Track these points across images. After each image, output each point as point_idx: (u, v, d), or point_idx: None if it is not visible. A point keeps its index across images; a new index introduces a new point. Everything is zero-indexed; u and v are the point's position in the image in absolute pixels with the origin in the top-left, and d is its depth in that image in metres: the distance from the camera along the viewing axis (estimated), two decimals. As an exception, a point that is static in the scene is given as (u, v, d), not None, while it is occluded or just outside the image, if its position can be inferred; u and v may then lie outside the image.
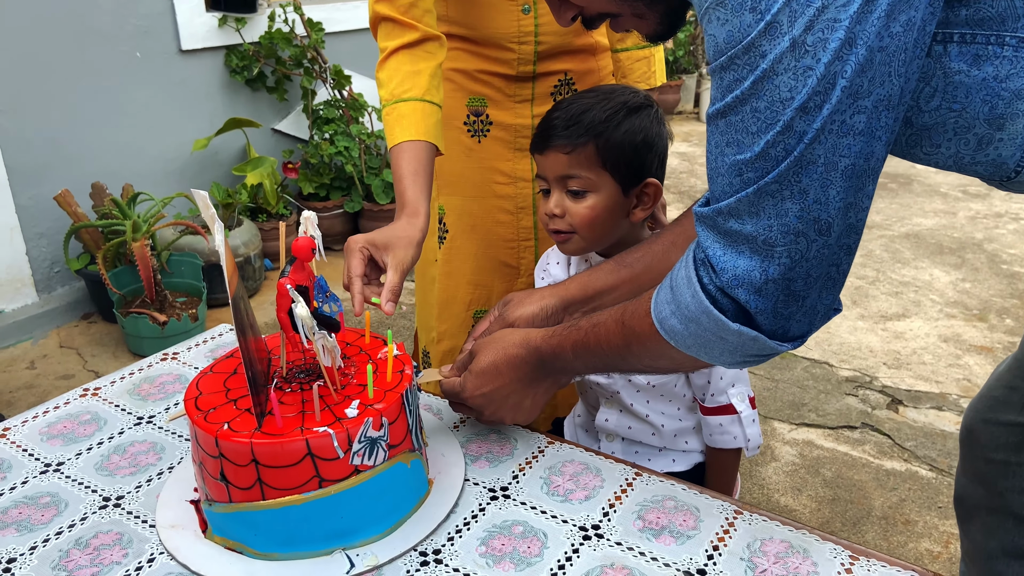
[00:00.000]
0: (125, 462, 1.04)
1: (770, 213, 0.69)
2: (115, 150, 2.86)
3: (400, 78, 1.22)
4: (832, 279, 0.73)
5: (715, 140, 0.71)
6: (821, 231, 0.69)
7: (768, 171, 0.67)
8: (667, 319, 0.81)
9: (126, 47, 2.81)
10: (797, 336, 0.76)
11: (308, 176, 3.30)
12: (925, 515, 1.91)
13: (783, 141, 0.65)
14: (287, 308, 0.89)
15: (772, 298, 0.73)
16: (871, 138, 0.65)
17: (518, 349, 0.98)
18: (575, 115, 1.13)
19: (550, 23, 1.36)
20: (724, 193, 0.71)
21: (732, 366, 0.81)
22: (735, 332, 0.75)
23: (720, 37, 0.66)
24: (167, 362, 1.28)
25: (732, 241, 0.72)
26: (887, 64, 0.63)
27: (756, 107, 0.66)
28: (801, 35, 0.62)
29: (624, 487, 0.97)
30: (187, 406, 0.89)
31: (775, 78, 0.64)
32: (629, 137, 1.13)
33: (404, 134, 1.19)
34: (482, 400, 1.00)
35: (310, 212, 0.98)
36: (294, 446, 0.82)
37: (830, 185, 0.66)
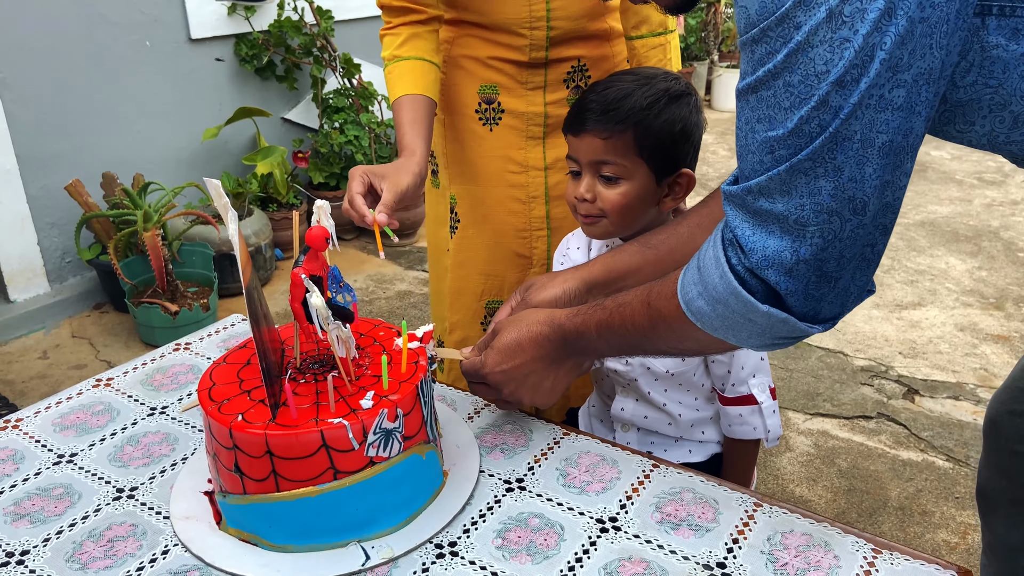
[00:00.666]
0: (139, 453, 1.03)
1: (802, 192, 0.66)
2: (125, 139, 2.86)
3: (402, 39, 1.32)
4: (867, 259, 0.71)
5: (745, 116, 0.68)
6: (856, 210, 0.66)
7: (801, 148, 0.65)
8: (694, 300, 0.79)
9: (136, 36, 2.80)
10: (829, 318, 0.75)
11: (318, 165, 3.29)
12: (942, 506, 1.89)
13: (818, 117, 0.63)
14: (301, 298, 0.88)
15: (803, 279, 0.71)
16: (910, 113, 0.63)
17: (542, 327, 0.96)
18: (615, 99, 1.10)
19: (562, 7, 1.34)
20: (754, 171, 0.69)
21: (760, 348, 0.79)
22: (764, 314, 0.73)
23: (752, 8, 0.63)
24: (180, 352, 1.27)
25: (762, 221, 0.70)
26: (928, 36, 0.60)
27: (790, 81, 0.63)
28: (838, 5, 0.59)
29: (641, 479, 0.96)
30: (200, 397, 0.88)
31: (810, 51, 0.61)
32: (668, 126, 1.10)
33: (404, 88, 1.29)
34: (502, 377, 0.98)
35: (323, 201, 0.97)
36: (309, 438, 0.82)
37: (866, 162, 0.64)
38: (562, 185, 1.44)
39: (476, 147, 1.42)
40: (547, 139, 1.43)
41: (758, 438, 1.17)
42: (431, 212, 1.59)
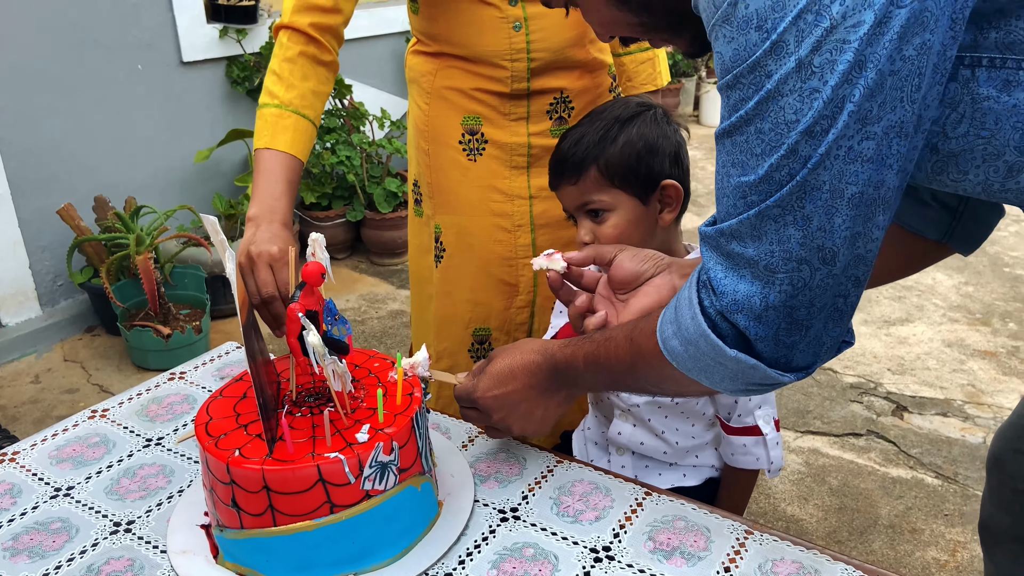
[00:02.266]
0: (135, 485, 1.04)
1: (772, 238, 0.67)
2: (117, 162, 2.86)
3: (301, 91, 1.26)
4: (839, 310, 0.71)
5: (722, 160, 0.69)
6: (825, 260, 0.66)
7: (771, 194, 0.65)
8: (669, 339, 0.79)
9: (128, 59, 2.81)
10: (802, 367, 0.74)
11: (310, 186, 3.31)
12: (932, 523, 1.91)
13: (787, 165, 0.63)
14: (297, 333, 0.89)
15: (773, 326, 0.70)
16: (881, 166, 0.63)
17: (535, 355, 0.96)
18: (570, 146, 1.15)
19: (543, 39, 1.35)
20: (728, 215, 0.69)
21: (735, 393, 0.79)
22: (733, 359, 0.72)
23: (727, 55, 0.64)
24: (174, 382, 1.28)
25: (734, 264, 0.71)
26: (899, 89, 0.60)
27: (761, 128, 0.64)
28: (808, 56, 0.60)
29: (634, 507, 0.97)
30: (198, 432, 0.89)
31: (780, 99, 0.62)
32: (628, 148, 1.13)
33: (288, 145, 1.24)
34: (493, 402, 0.97)
35: (318, 235, 0.98)
36: (305, 472, 0.82)
37: (835, 213, 0.64)
38: (548, 213, 1.46)
39: (460, 177, 1.44)
40: (531, 168, 1.45)
41: (760, 468, 1.18)
42: (414, 240, 1.60)
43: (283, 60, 1.27)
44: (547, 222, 1.46)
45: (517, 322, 1.52)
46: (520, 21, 1.34)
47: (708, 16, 0.66)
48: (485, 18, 1.34)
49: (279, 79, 1.27)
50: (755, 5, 0.61)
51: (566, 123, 1.44)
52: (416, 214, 1.56)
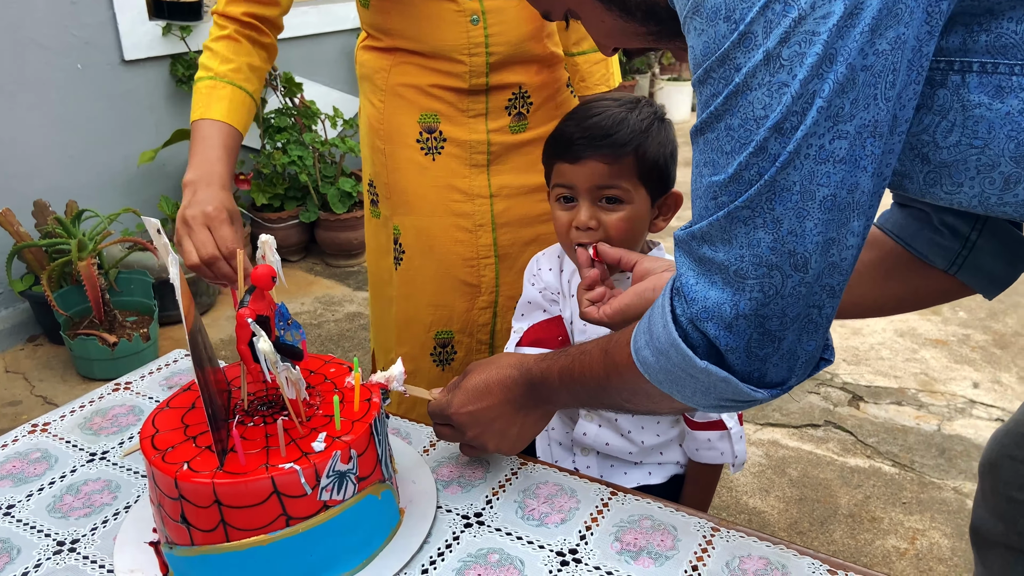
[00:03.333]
0: (79, 503, 0.99)
1: (742, 242, 0.64)
2: (58, 165, 2.77)
3: (237, 64, 1.22)
4: (813, 322, 0.67)
5: (696, 159, 0.66)
6: (797, 266, 0.63)
7: (740, 194, 0.62)
8: (642, 349, 0.76)
9: (67, 59, 2.72)
10: (776, 383, 0.70)
11: (261, 186, 3.24)
12: (890, 511, 1.94)
13: (757, 163, 0.60)
14: (247, 340, 0.86)
15: (744, 336, 0.67)
16: (854, 167, 0.59)
17: (511, 370, 0.93)
18: (613, 124, 1.09)
19: (501, 33, 1.33)
20: (700, 216, 0.66)
21: (708, 408, 0.75)
22: (703, 370, 0.69)
23: (698, 48, 0.62)
24: (120, 393, 1.23)
25: (705, 269, 0.67)
26: (872, 86, 0.57)
27: (731, 124, 0.61)
28: (776, 48, 0.57)
29: (600, 507, 0.96)
30: (143, 445, 0.85)
31: (749, 93, 0.59)
32: (661, 148, 1.12)
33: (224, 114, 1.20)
34: (467, 419, 0.94)
35: (268, 236, 0.95)
36: (259, 485, 0.79)
37: (807, 216, 0.61)
38: (510, 211, 1.43)
39: (419, 177, 1.40)
40: (491, 166, 1.42)
41: (724, 463, 1.18)
42: (371, 242, 1.56)
43: (217, 38, 1.24)
44: (508, 221, 1.44)
45: (479, 323, 1.49)
46: (478, 15, 1.31)
47: (681, 8, 0.63)
48: (441, 11, 1.30)
49: (214, 54, 1.23)
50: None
51: (525, 119, 1.41)
52: (373, 215, 1.52)
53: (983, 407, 2.33)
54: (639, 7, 0.75)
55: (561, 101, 1.46)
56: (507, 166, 1.42)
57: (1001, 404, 2.34)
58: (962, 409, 2.33)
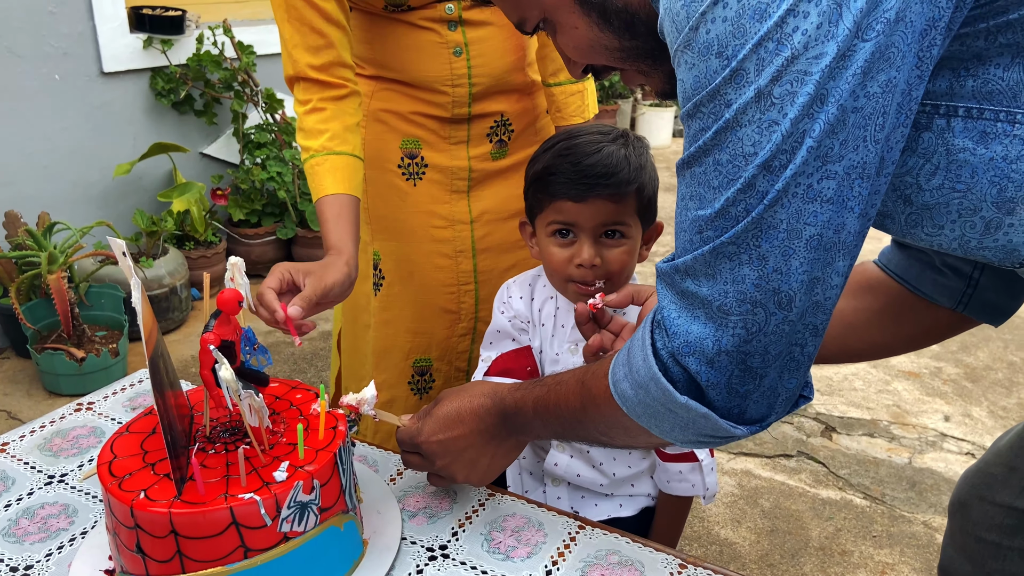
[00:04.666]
0: (34, 527, 0.96)
1: (726, 278, 0.63)
2: (31, 176, 2.73)
3: (332, 131, 1.21)
4: (795, 360, 0.66)
5: (681, 192, 0.66)
6: (781, 304, 0.63)
7: (726, 230, 0.62)
8: (620, 381, 0.74)
9: (44, 69, 2.69)
10: (755, 420, 0.70)
11: (238, 202, 3.21)
12: (860, 545, 1.94)
13: (744, 200, 0.60)
14: (210, 365, 0.84)
15: (726, 372, 0.66)
16: (842, 208, 0.59)
17: (484, 399, 0.92)
18: (616, 163, 1.09)
19: (484, 64, 1.33)
20: (684, 250, 0.66)
21: (685, 444, 0.74)
22: (683, 405, 0.68)
23: (688, 82, 0.61)
24: (81, 413, 1.20)
25: (688, 303, 0.67)
26: (862, 127, 0.57)
27: (719, 160, 0.61)
28: (768, 86, 0.57)
29: (567, 541, 0.94)
30: (100, 472, 0.83)
31: (739, 130, 0.59)
32: (653, 183, 1.14)
33: (338, 186, 1.19)
34: (437, 447, 0.92)
35: (237, 259, 0.93)
36: (217, 515, 0.77)
37: (792, 255, 0.61)
38: (489, 237, 1.42)
39: (400, 202, 1.39)
40: (471, 192, 1.42)
41: (695, 495, 1.17)
42: None
43: (305, 114, 1.23)
44: (488, 247, 1.43)
45: (458, 350, 1.48)
46: (460, 46, 1.31)
47: (672, 41, 0.63)
48: (424, 43, 1.30)
49: (306, 133, 1.22)
50: (716, 30, 0.58)
51: (506, 146, 1.41)
52: None
53: (954, 440, 2.35)
54: (618, 15, 0.75)
55: (540, 127, 1.46)
56: (487, 192, 1.42)
57: (971, 438, 2.35)
58: (933, 442, 2.34)
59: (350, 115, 1.24)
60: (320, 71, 1.22)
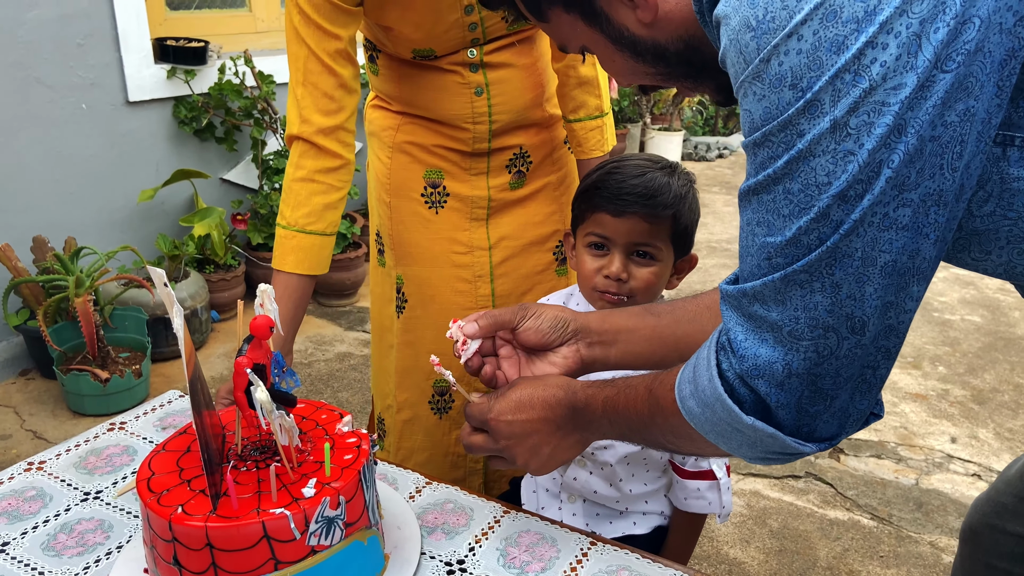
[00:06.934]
0: (72, 541, 1.01)
1: (797, 304, 0.63)
2: (58, 202, 2.81)
3: (311, 208, 1.26)
4: (867, 382, 0.66)
5: (746, 218, 0.66)
6: (854, 329, 0.63)
7: (798, 258, 0.62)
8: (687, 399, 0.76)
9: (72, 99, 2.77)
10: (825, 438, 0.70)
11: (257, 226, 3.28)
12: (868, 564, 1.96)
13: (817, 228, 0.60)
14: (244, 387, 0.89)
15: (795, 393, 0.66)
16: (917, 234, 0.59)
17: (556, 390, 0.92)
18: (659, 187, 1.16)
19: (504, 103, 1.39)
20: (752, 274, 0.67)
21: (754, 461, 0.75)
22: (749, 426, 0.69)
23: (756, 113, 0.61)
24: (114, 432, 1.25)
25: (756, 326, 0.67)
26: (939, 156, 0.57)
27: (790, 188, 0.61)
28: (844, 116, 0.57)
29: (580, 557, 0.99)
30: (139, 487, 0.88)
31: (812, 160, 0.59)
32: (692, 214, 1.20)
33: (293, 266, 1.27)
34: (505, 427, 0.93)
35: (267, 286, 0.98)
36: (250, 529, 0.82)
37: (867, 281, 0.61)
38: (507, 263, 1.48)
39: (422, 229, 1.45)
40: (490, 219, 1.47)
41: (711, 512, 1.21)
42: (376, 290, 1.60)
43: (293, 180, 1.26)
44: (506, 272, 1.49)
45: (477, 372, 1.53)
46: (482, 87, 1.37)
47: (737, 72, 0.63)
48: (447, 84, 1.36)
49: (289, 199, 1.27)
50: (789, 63, 0.58)
51: (524, 176, 1.47)
52: (379, 263, 1.57)
53: (960, 462, 2.37)
54: (649, 51, 0.78)
55: (558, 158, 1.52)
56: (506, 219, 1.48)
57: (978, 460, 2.37)
58: (940, 464, 2.36)
59: (336, 190, 1.28)
60: (326, 135, 1.25)
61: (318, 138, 1.24)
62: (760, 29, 0.58)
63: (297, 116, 1.25)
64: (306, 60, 1.23)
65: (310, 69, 1.23)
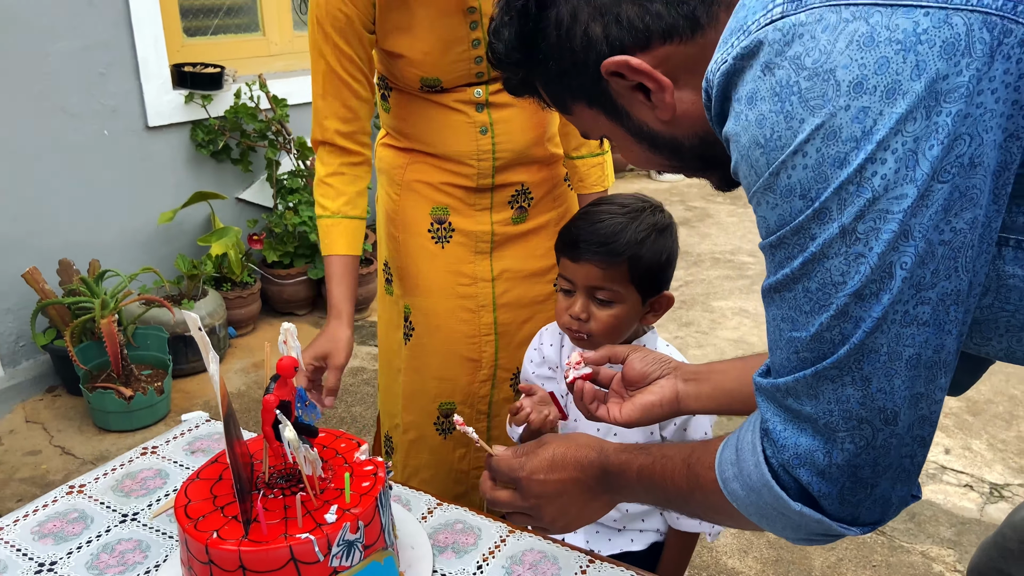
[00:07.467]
0: (114, 560, 1.10)
1: (830, 398, 0.66)
2: (82, 225, 2.91)
3: (348, 197, 1.47)
4: (906, 471, 0.69)
5: (771, 313, 0.70)
6: (887, 421, 0.66)
7: (826, 354, 0.65)
8: (730, 481, 0.77)
9: (94, 125, 2.88)
10: (869, 523, 0.72)
11: (272, 245, 3.38)
12: (861, 573, 2.03)
13: (839, 325, 0.64)
14: (271, 422, 0.98)
15: (838, 483, 0.69)
16: (939, 330, 0.63)
17: (589, 451, 0.94)
18: (612, 233, 1.21)
19: (507, 141, 1.48)
20: (783, 368, 0.70)
21: (797, 542, 0.78)
22: (797, 513, 0.71)
23: (771, 219, 0.66)
24: (147, 456, 1.35)
25: (793, 417, 0.70)
26: (952, 259, 0.61)
27: (808, 287, 0.64)
28: (851, 223, 0.60)
29: (578, 573, 1.07)
30: (177, 514, 0.97)
31: (825, 261, 0.63)
32: (656, 257, 1.24)
33: (349, 248, 1.45)
34: (536, 486, 0.95)
35: (289, 325, 1.07)
36: (279, 552, 0.90)
37: (895, 375, 0.64)
38: (508, 293, 1.57)
39: (429, 263, 1.55)
40: (494, 252, 1.57)
41: (702, 531, 1.29)
42: (384, 316, 1.70)
43: (328, 174, 1.47)
44: (507, 302, 1.58)
45: (480, 395, 1.63)
46: (486, 126, 1.47)
47: (749, 183, 0.67)
48: (454, 123, 1.46)
49: (326, 193, 1.46)
50: (797, 176, 0.62)
51: (526, 212, 1.56)
52: (387, 292, 1.66)
53: (953, 473, 2.43)
54: (667, 145, 0.82)
55: (559, 195, 1.61)
56: (508, 253, 1.57)
57: (970, 471, 2.43)
58: (933, 475, 2.42)
59: (362, 180, 1.49)
60: (345, 138, 1.44)
61: (338, 139, 1.44)
62: (768, 146, 0.63)
63: (319, 125, 1.45)
64: (325, 74, 1.41)
65: (329, 83, 1.41)
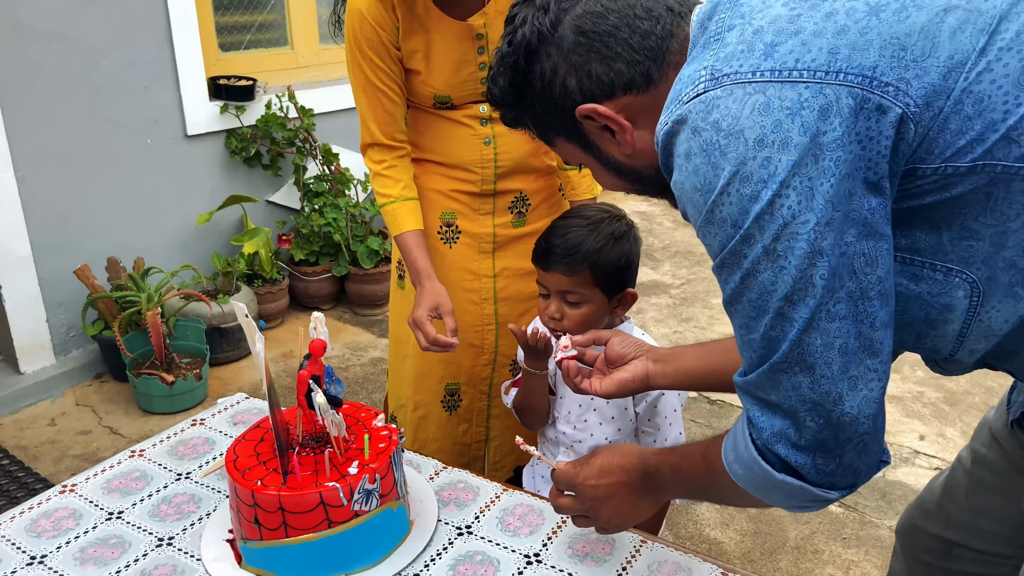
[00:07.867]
0: (172, 510, 1.30)
1: (787, 386, 0.80)
2: (128, 226, 3.15)
3: (406, 183, 1.70)
4: (864, 443, 0.81)
5: (734, 322, 0.84)
6: (835, 401, 0.78)
7: (774, 350, 0.79)
8: (732, 463, 0.90)
9: (138, 135, 3.11)
10: (844, 487, 0.84)
11: (299, 244, 3.61)
12: (831, 545, 2.20)
13: (779, 325, 0.77)
14: (305, 392, 1.20)
15: (810, 454, 0.82)
16: (857, 322, 0.76)
17: (632, 458, 1.08)
18: (574, 245, 1.41)
19: (507, 152, 1.70)
20: (750, 367, 0.84)
21: (793, 510, 0.91)
22: (782, 482, 0.84)
23: (714, 246, 0.80)
24: (196, 427, 1.56)
25: (766, 406, 0.84)
26: (849, 265, 0.75)
27: (750, 297, 0.78)
28: (771, 243, 0.75)
29: (560, 524, 1.27)
30: (228, 467, 1.18)
31: (758, 275, 0.77)
32: (615, 261, 1.43)
33: (416, 224, 1.68)
34: (590, 491, 1.09)
35: (319, 313, 1.28)
36: (311, 497, 1.10)
37: (832, 362, 0.77)
38: (508, 288, 1.78)
39: (439, 261, 1.76)
40: (496, 252, 1.78)
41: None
42: (396, 308, 1.91)
43: (383, 168, 1.69)
44: (507, 296, 1.79)
45: (481, 377, 1.84)
46: (490, 138, 1.68)
47: (694, 220, 0.82)
48: (462, 135, 1.68)
49: (385, 184, 1.69)
50: (727, 210, 0.76)
51: (524, 216, 1.77)
52: (399, 287, 1.88)
53: (925, 457, 2.57)
54: (629, 174, 0.98)
55: (554, 203, 1.82)
56: (508, 253, 1.78)
57: (942, 455, 2.57)
58: (907, 459, 2.56)
59: (410, 169, 1.72)
60: (388, 136, 1.66)
61: (382, 138, 1.68)
62: (703, 189, 0.78)
63: (366, 129, 1.69)
64: (364, 86, 1.64)
65: (369, 93, 1.64)
